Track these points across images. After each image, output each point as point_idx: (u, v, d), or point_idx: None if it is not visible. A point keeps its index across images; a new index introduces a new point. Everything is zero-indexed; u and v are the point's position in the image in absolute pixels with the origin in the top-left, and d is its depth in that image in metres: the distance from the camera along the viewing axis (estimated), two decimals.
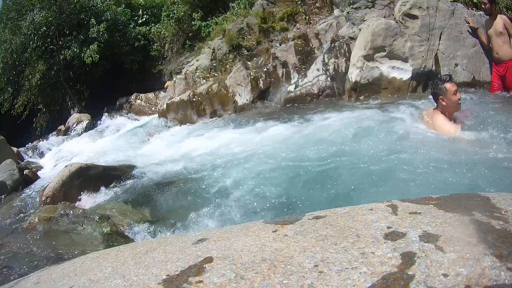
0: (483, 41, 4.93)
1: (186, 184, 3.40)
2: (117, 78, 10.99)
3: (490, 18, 4.74)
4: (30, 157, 7.51)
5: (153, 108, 9.39)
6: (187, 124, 6.56)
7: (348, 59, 5.57)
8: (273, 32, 6.87)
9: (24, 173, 5.21)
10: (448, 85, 3.18)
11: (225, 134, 5.04)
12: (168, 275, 1.01)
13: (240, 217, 2.53)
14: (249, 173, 3.16)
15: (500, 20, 4.65)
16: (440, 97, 3.21)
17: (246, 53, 6.80)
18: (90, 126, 9.56)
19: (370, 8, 6.25)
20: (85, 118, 9.81)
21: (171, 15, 9.70)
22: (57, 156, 7.10)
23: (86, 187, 3.60)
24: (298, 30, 6.77)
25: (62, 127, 10.06)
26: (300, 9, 6.91)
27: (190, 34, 9.56)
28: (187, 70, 7.37)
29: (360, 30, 5.56)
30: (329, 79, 5.83)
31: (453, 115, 3.27)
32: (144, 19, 11.73)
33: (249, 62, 6.56)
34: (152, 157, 4.64)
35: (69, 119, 10.17)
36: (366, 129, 3.74)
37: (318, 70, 5.94)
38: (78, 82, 11.14)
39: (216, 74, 6.96)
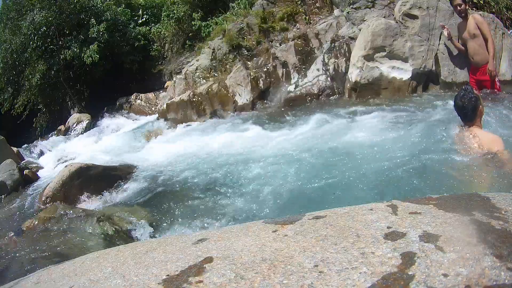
0: (459, 48, 4.74)
1: (186, 184, 3.40)
2: (117, 78, 11.00)
3: (464, 21, 4.51)
4: (30, 157, 7.51)
5: (153, 108, 9.39)
6: (187, 124, 6.56)
7: (348, 59, 5.57)
8: (273, 32, 6.87)
9: (24, 173, 5.21)
10: (476, 91, 2.75)
11: (225, 134, 5.04)
12: (168, 275, 1.01)
13: (240, 217, 2.53)
14: (249, 173, 3.16)
15: (472, 21, 4.38)
16: (480, 106, 2.70)
17: (246, 53, 6.80)
18: (90, 126, 9.56)
19: (370, 8, 6.25)
20: (85, 118, 9.81)
21: (171, 15, 9.71)
22: (57, 156, 7.09)
23: (86, 187, 3.60)
24: (298, 30, 6.77)
25: (62, 127, 10.06)
26: (300, 9, 6.91)
27: (190, 34, 9.56)
28: (187, 70, 7.37)
29: (360, 30, 5.56)
30: (329, 79, 5.83)
31: None
32: (144, 19, 11.73)
33: (249, 62, 6.56)
34: (152, 157, 4.64)
35: (69, 119, 10.18)
36: (366, 129, 3.74)
37: (318, 70, 5.94)
38: (78, 82, 11.15)
39: (216, 74, 6.96)
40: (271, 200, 2.62)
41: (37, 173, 5.64)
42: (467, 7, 4.54)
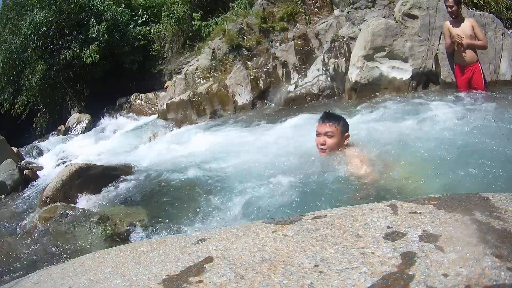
0: (447, 45, 4.82)
1: (186, 184, 3.40)
2: (117, 78, 11.00)
3: (456, 20, 4.68)
4: (30, 157, 7.51)
5: (153, 108, 9.40)
6: (187, 124, 6.56)
7: (348, 59, 5.58)
8: (273, 32, 6.88)
9: (24, 173, 5.21)
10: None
11: (225, 135, 5.05)
12: (168, 275, 1.01)
13: (240, 217, 2.52)
14: (249, 173, 3.16)
15: (469, 23, 4.64)
16: None
17: (246, 53, 6.81)
18: (90, 126, 9.57)
19: (370, 8, 6.26)
20: (85, 118, 9.82)
21: (171, 15, 9.71)
22: (57, 156, 7.09)
23: (86, 187, 3.59)
24: (298, 30, 6.77)
25: (62, 127, 10.07)
26: (300, 9, 6.92)
27: (190, 34, 9.56)
28: (187, 70, 7.37)
29: (360, 30, 5.56)
30: (329, 79, 5.83)
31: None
32: (144, 19, 11.73)
33: (249, 62, 6.56)
34: (152, 157, 4.64)
35: (69, 119, 10.18)
36: (366, 129, 3.74)
37: (318, 70, 5.94)
38: (78, 82, 11.16)
39: (216, 74, 6.97)
40: (271, 200, 2.62)
41: (37, 173, 5.63)
42: (459, 9, 4.68)
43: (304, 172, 2.87)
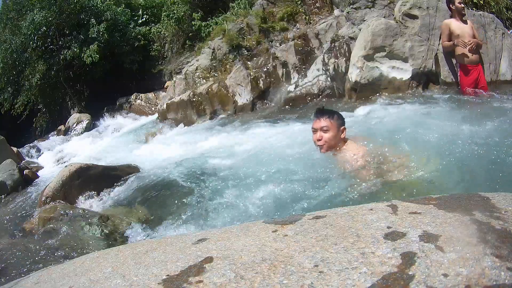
0: (447, 45, 4.80)
1: (186, 184, 3.40)
2: (117, 78, 11.00)
3: (462, 19, 4.72)
4: (30, 157, 7.52)
5: (153, 108, 9.41)
6: (187, 124, 6.56)
7: (348, 59, 5.57)
8: (273, 32, 6.88)
9: (24, 173, 5.22)
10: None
11: (225, 134, 5.05)
12: (168, 275, 1.01)
13: (240, 217, 2.52)
14: (249, 173, 3.16)
15: (470, 24, 4.74)
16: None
17: (246, 53, 6.81)
18: (90, 126, 9.58)
19: (370, 8, 6.26)
20: (85, 118, 9.83)
21: (171, 15, 9.71)
22: (57, 156, 7.10)
23: (86, 187, 3.59)
24: (298, 30, 6.77)
25: (62, 127, 10.08)
26: (300, 9, 6.92)
27: (190, 34, 9.57)
28: (187, 70, 7.37)
29: (360, 30, 5.56)
30: (329, 79, 5.83)
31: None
32: (144, 19, 11.73)
33: (249, 62, 6.56)
34: (152, 157, 4.64)
35: (69, 119, 10.19)
36: (366, 129, 3.74)
37: (318, 70, 5.94)
38: (78, 82, 11.17)
39: (216, 74, 6.97)
40: (271, 200, 2.62)
41: (37, 173, 5.64)
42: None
43: (304, 171, 2.87)
